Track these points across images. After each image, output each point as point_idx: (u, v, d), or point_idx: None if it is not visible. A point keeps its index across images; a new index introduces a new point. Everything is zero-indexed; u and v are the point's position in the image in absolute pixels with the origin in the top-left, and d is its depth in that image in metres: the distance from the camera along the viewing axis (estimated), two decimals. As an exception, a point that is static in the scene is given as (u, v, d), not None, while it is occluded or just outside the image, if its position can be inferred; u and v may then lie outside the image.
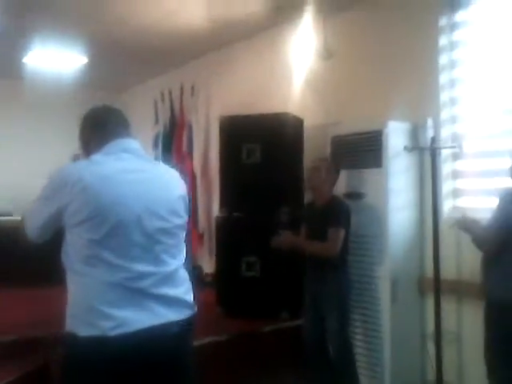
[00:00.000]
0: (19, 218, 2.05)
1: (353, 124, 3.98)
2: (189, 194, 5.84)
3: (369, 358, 3.67)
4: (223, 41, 5.31)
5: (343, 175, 3.83)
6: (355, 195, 3.77)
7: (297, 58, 4.79)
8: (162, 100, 6.25)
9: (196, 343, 3.46)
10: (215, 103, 5.72)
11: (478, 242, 2.89)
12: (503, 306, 2.71)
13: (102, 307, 1.73)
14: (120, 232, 1.77)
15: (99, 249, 1.75)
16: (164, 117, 6.21)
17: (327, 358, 3.60)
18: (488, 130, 3.55)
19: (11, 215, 5.42)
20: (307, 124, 4.42)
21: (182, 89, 5.99)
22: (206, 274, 5.51)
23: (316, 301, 3.55)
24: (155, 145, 6.13)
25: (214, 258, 5.47)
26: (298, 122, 4.36)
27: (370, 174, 3.72)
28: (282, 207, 3.99)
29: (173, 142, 5.98)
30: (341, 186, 3.81)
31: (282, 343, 3.83)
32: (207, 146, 5.86)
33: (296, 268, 3.97)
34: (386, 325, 3.59)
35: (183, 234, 1.97)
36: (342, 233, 3.43)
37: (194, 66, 6.00)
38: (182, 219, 1.96)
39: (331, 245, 3.40)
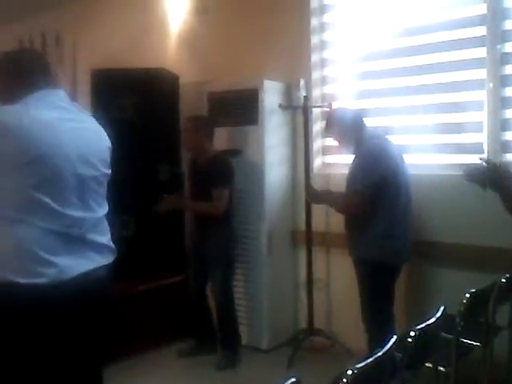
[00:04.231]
0: None
1: (229, 81, 4.01)
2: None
3: (248, 307, 3.84)
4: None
5: (221, 132, 3.88)
6: (233, 152, 3.84)
7: (171, 11, 4.67)
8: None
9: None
10: (83, 55, 5.39)
11: (341, 208, 3.07)
12: (375, 264, 2.88)
13: (44, 254, 1.73)
14: (56, 178, 1.77)
15: (36, 194, 1.73)
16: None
17: (209, 311, 3.72)
18: (352, 92, 3.79)
19: None
20: (183, 80, 4.37)
21: (44, 38, 5.56)
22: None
23: (201, 256, 3.62)
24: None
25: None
26: (174, 78, 4.30)
27: (246, 131, 3.81)
28: (159, 165, 3.95)
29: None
30: (219, 144, 3.86)
31: (160, 301, 3.85)
32: (74, 101, 5.52)
33: (173, 226, 3.99)
34: (263, 276, 3.77)
35: (106, 184, 2.00)
36: (227, 192, 3.50)
37: (58, 13, 5.54)
38: (109, 169, 2.00)
39: (217, 205, 3.47)
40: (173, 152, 4.15)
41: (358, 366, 1.58)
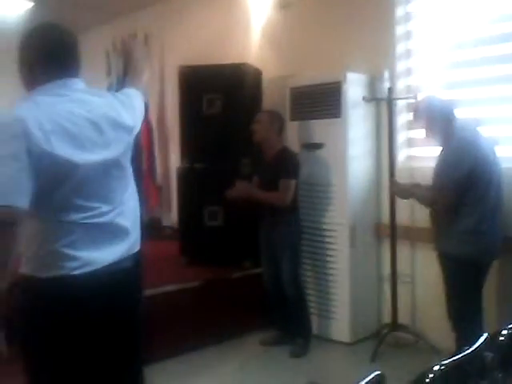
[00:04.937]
0: None
1: (311, 75, 4.01)
2: (145, 146, 5.71)
3: (331, 300, 3.84)
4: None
5: (302, 126, 3.91)
6: (314, 145, 3.85)
7: (254, 6, 4.73)
8: (114, 49, 6.05)
9: (163, 290, 3.59)
10: (170, 53, 5.59)
11: (427, 203, 2.99)
12: (462, 260, 2.79)
13: (64, 249, 1.69)
14: (77, 173, 1.69)
15: (56, 191, 1.67)
16: (117, 67, 6.03)
17: (285, 298, 3.76)
18: (440, 83, 3.67)
19: None
20: (266, 75, 4.42)
21: (134, 37, 5.80)
22: (164, 227, 5.54)
23: (270, 246, 3.70)
24: (108, 97, 5.95)
25: (171, 210, 5.50)
26: (257, 73, 4.36)
27: (328, 125, 3.79)
28: (242, 158, 4.04)
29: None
30: (300, 137, 3.90)
31: (246, 289, 3.97)
32: (162, 97, 5.76)
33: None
34: (345, 268, 3.76)
35: (130, 166, 1.93)
36: (293, 183, 3.56)
37: (147, 13, 5.81)
38: (129, 151, 1.92)
39: (283, 195, 3.54)
40: (254, 146, 4.22)
41: (445, 362, 1.55)
